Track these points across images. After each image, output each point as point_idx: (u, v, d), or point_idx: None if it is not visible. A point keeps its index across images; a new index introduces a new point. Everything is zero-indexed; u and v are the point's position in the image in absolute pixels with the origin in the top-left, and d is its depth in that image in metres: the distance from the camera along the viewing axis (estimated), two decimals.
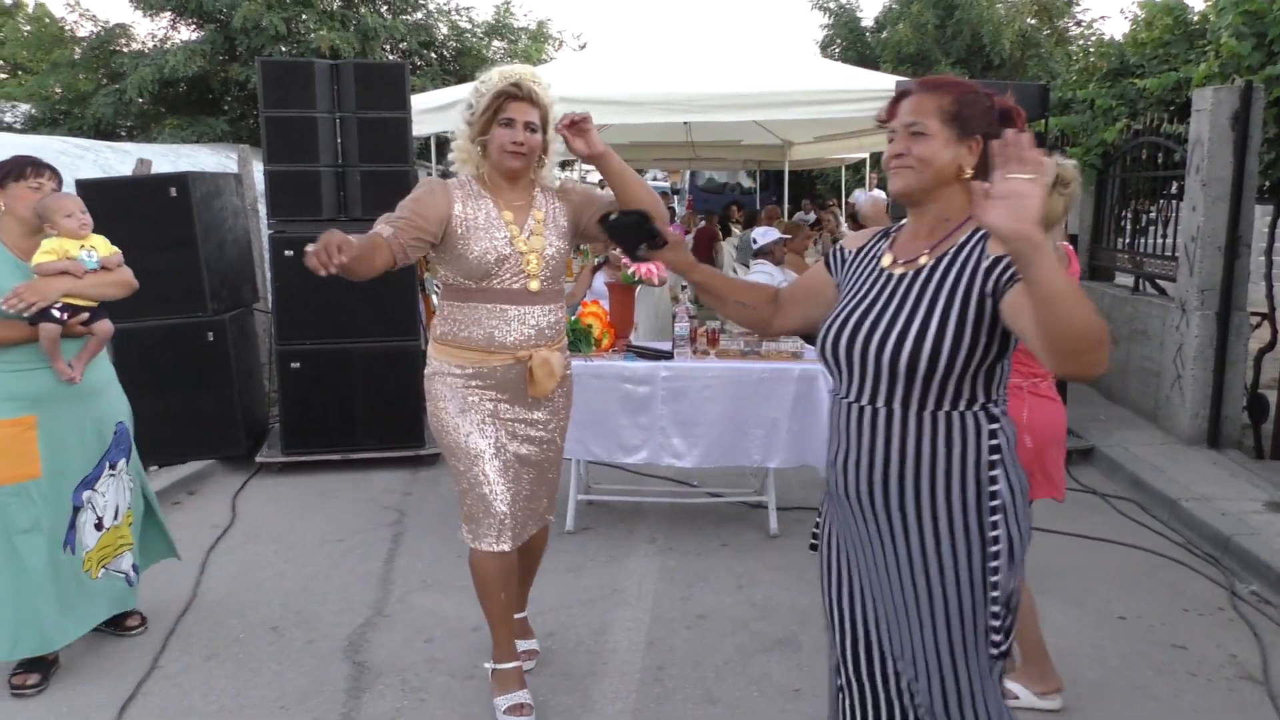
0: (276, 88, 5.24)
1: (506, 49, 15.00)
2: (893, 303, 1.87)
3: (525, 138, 2.75)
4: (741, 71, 7.38)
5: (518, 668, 3.05)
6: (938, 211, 1.88)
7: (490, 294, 2.79)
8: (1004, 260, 1.75)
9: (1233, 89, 5.56)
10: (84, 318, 3.18)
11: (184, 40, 13.03)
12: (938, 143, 1.82)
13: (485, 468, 2.83)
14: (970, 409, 1.83)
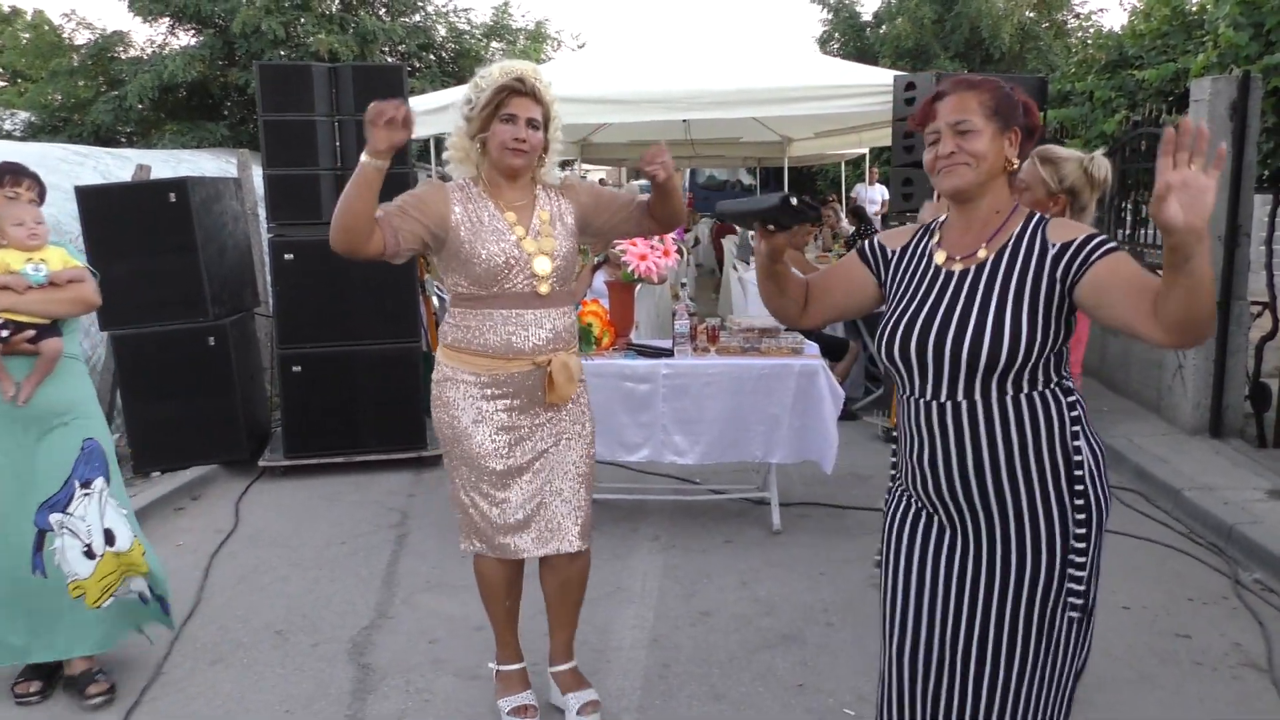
0: (275, 92, 5.25)
1: (505, 50, 15.00)
2: (960, 299, 1.90)
3: (527, 134, 2.66)
4: (740, 68, 7.39)
5: (522, 669, 3.03)
6: (989, 205, 1.93)
7: (504, 299, 2.70)
8: (1071, 246, 1.81)
9: (1230, 79, 5.55)
10: (29, 334, 2.97)
11: (183, 46, 13.05)
12: (986, 137, 1.87)
13: (494, 477, 2.77)
14: (1047, 387, 1.88)
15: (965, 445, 1.90)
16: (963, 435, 1.90)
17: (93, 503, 3.11)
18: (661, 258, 4.43)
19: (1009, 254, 1.89)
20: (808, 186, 20.11)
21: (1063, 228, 1.88)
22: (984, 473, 1.89)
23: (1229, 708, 3.03)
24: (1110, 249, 1.80)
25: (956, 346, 1.85)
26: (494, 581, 2.92)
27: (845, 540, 4.44)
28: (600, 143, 12.09)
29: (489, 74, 2.70)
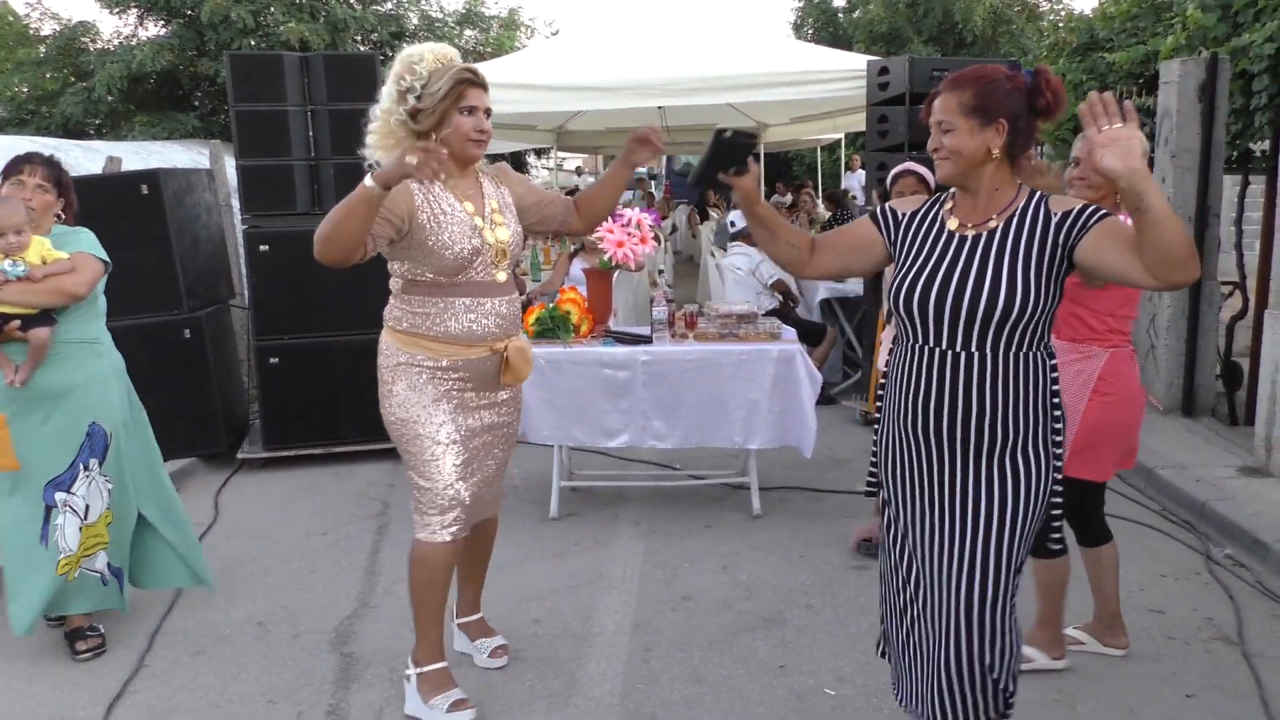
0: (246, 82, 5.21)
1: (478, 38, 14.93)
2: (974, 261, 2.15)
3: (487, 125, 2.72)
4: (715, 54, 7.38)
5: (447, 667, 2.96)
6: (986, 186, 2.16)
7: (466, 288, 2.75)
8: (1072, 213, 2.08)
9: (1199, 61, 5.61)
10: (15, 324, 3.15)
11: (151, 36, 12.89)
12: (963, 135, 2.10)
13: (454, 458, 2.79)
14: (1036, 349, 2.15)
15: (960, 391, 2.15)
16: (960, 382, 2.15)
17: (89, 482, 3.36)
18: (639, 245, 4.43)
19: (1016, 223, 2.14)
20: (784, 172, 20.13)
21: (1062, 202, 2.13)
22: (972, 417, 2.14)
23: (1202, 680, 3.09)
24: (1105, 214, 2.06)
25: (973, 302, 2.10)
26: (440, 567, 2.85)
27: (824, 523, 4.48)
28: (576, 130, 12.05)
29: (421, 58, 2.66)
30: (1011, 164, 2.16)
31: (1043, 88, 2.09)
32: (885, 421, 2.35)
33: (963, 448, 2.17)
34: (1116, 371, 2.96)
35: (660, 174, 22.03)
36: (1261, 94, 5.49)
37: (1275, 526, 4.04)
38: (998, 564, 2.16)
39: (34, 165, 3.29)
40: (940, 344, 2.17)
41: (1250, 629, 3.42)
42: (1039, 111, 2.11)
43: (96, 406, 3.36)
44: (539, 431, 4.44)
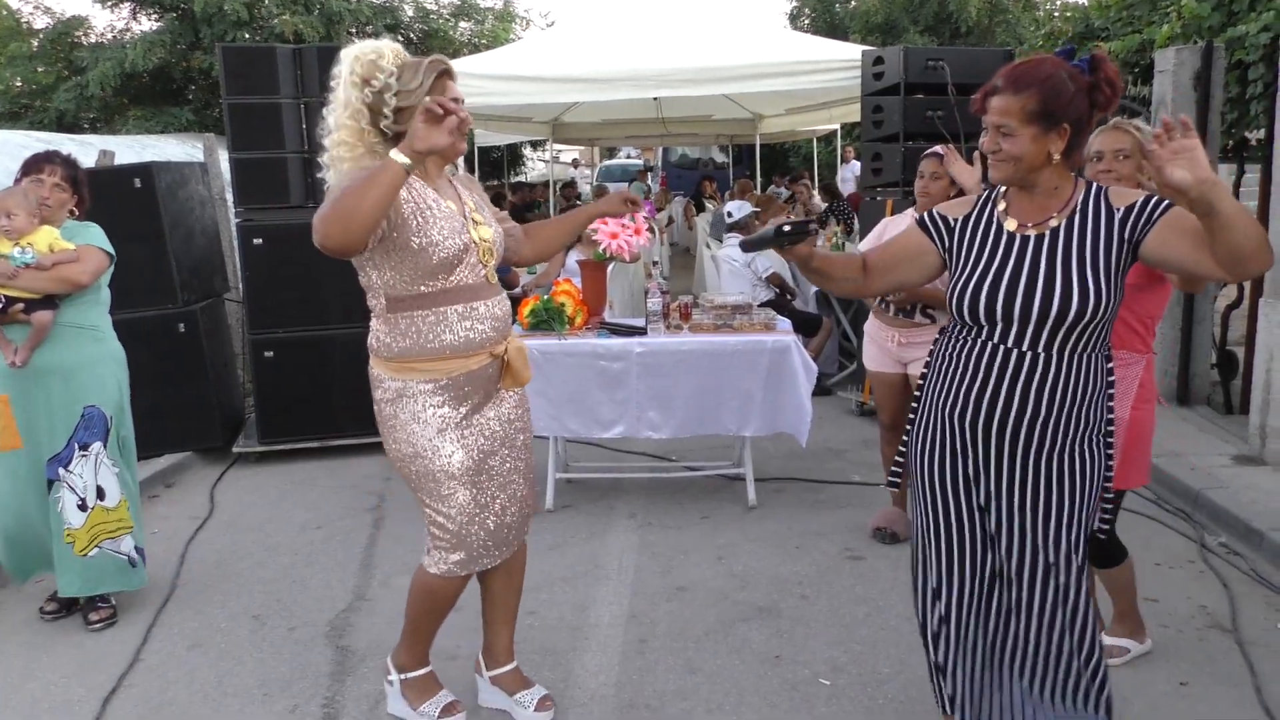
0: (239, 75, 5.19)
1: (473, 30, 14.89)
2: (1040, 261, 2.12)
3: (468, 117, 2.45)
4: (710, 45, 7.37)
5: (433, 672, 2.90)
6: (1045, 186, 2.14)
7: (456, 294, 2.54)
8: (1135, 206, 2.05)
9: (1194, 49, 5.60)
10: (19, 308, 3.34)
11: (144, 31, 12.85)
12: (1024, 140, 2.06)
13: (469, 490, 2.60)
14: (1098, 351, 2.16)
15: (1019, 390, 2.14)
16: (1020, 381, 2.14)
17: (89, 463, 3.51)
18: (633, 236, 4.42)
19: (1079, 220, 2.12)
20: (780, 163, 20.11)
21: (1121, 194, 2.10)
22: (1036, 418, 2.15)
23: (1195, 668, 3.10)
24: (1169, 204, 2.01)
25: (1044, 305, 2.08)
26: (447, 599, 2.73)
27: (820, 514, 4.49)
28: (571, 122, 12.03)
29: (382, 54, 2.44)
30: (1069, 162, 2.13)
31: (1101, 82, 2.05)
32: (927, 412, 2.32)
33: (1012, 446, 2.18)
34: (1151, 377, 2.99)
35: (656, 166, 22.02)
36: (1257, 83, 5.48)
37: (1269, 514, 4.05)
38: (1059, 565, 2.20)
39: (54, 165, 3.48)
40: (1005, 341, 2.16)
41: (1244, 617, 3.43)
42: (1098, 105, 2.07)
43: (94, 389, 3.51)
44: (534, 423, 4.42)
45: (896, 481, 2.58)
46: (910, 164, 5.54)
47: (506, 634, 2.95)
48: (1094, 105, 2.06)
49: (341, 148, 2.46)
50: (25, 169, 3.48)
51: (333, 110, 2.49)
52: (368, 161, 2.43)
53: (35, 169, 3.46)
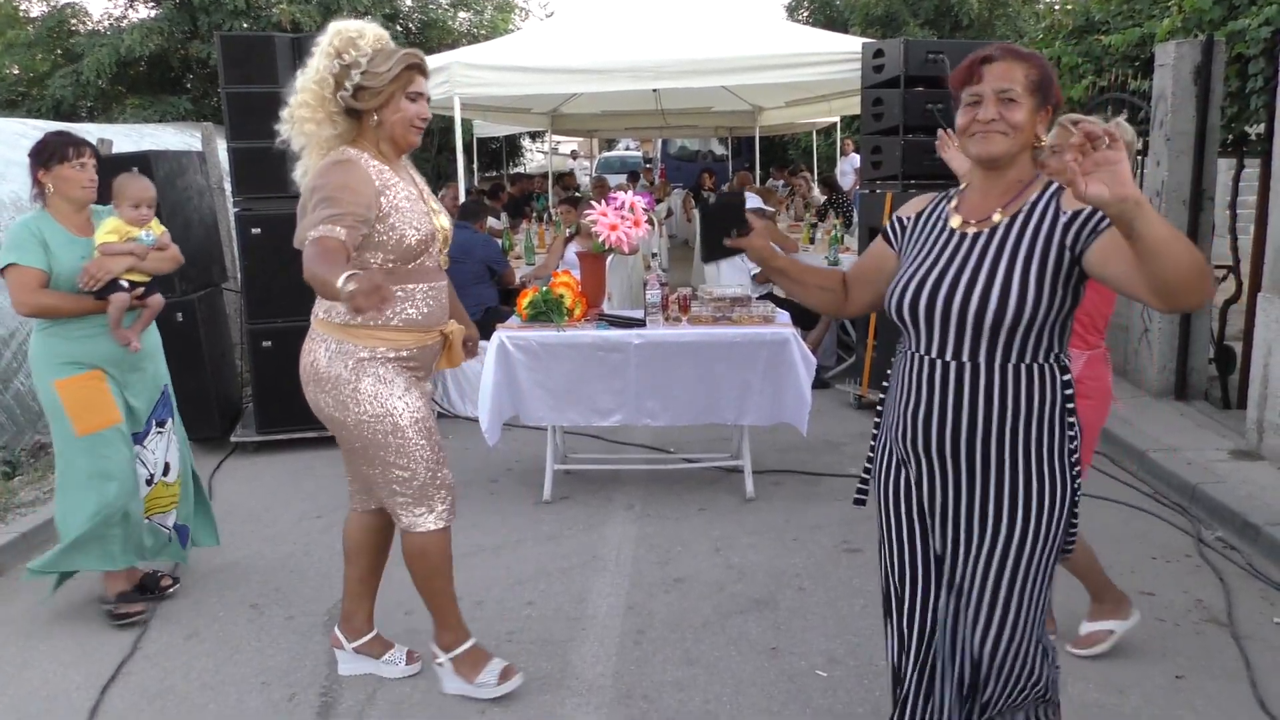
0: (237, 63, 5.17)
1: (472, 20, 14.85)
2: (970, 260, 1.95)
3: (428, 113, 2.73)
4: (710, 37, 7.36)
5: (477, 643, 2.99)
6: (1014, 174, 1.97)
7: (421, 274, 2.73)
8: (1082, 214, 1.85)
9: (1195, 43, 5.59)
10: (139, 292, 3.48)
11: (141, 19, 12.80)
12: (1025, 110, 1.91)
13: (431, 441, 2.80)
14: (1046, 360, 1.93)
15: (962, 406, 1.96)
16: (959, 396, 1.96)
17: (163, 439, 3.71)
18: (632, 228, 4.42)
19: (1022, 219, 1.94)
20: (779, 156, 20.08)
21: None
22: (976, 435, 1.95)
23: (1191, 662, 3.11)
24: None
25: (963, 306, 1.91)
26: (445, 554, 2.89)
27: (817, 507, 4.49)
28: (570, 113, 12.01)
29: (362, 34, 2.57)
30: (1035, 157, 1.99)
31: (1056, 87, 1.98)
32: (881, 433, 2.19)
33: (955, 468, 1.99)
34: (1094, 373, 2.97)
35: (655, 158, 21.99)
36: (1257, 77, 5.47)
37: (1266, 509, 4.06)
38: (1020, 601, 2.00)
39: (90, 149, 3.45)
40: (931, 352, 1.99)
41: (1240, 611, 3.43)
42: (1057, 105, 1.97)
43: (164, 369, 3.73)
44: (533, 414, 4.44)
45: (863, 500, 2.30)
46: (910, 157, 5.55)
47: (367, 605, 3.15)
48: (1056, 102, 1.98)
49: (303, 109, 2.63)
50: (57, 153, 3.35)
51: (304, 72, 2.64)
52: (326, 130, 2.61)
53: (76, 153, 3.36)
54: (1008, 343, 1.91)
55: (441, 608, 2.95)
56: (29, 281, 3.26)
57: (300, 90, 2.63)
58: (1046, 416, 1.94)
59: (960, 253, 1.97)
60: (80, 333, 3.38)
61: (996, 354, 1.93)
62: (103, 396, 3.41)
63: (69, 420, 3.37)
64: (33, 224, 3.32)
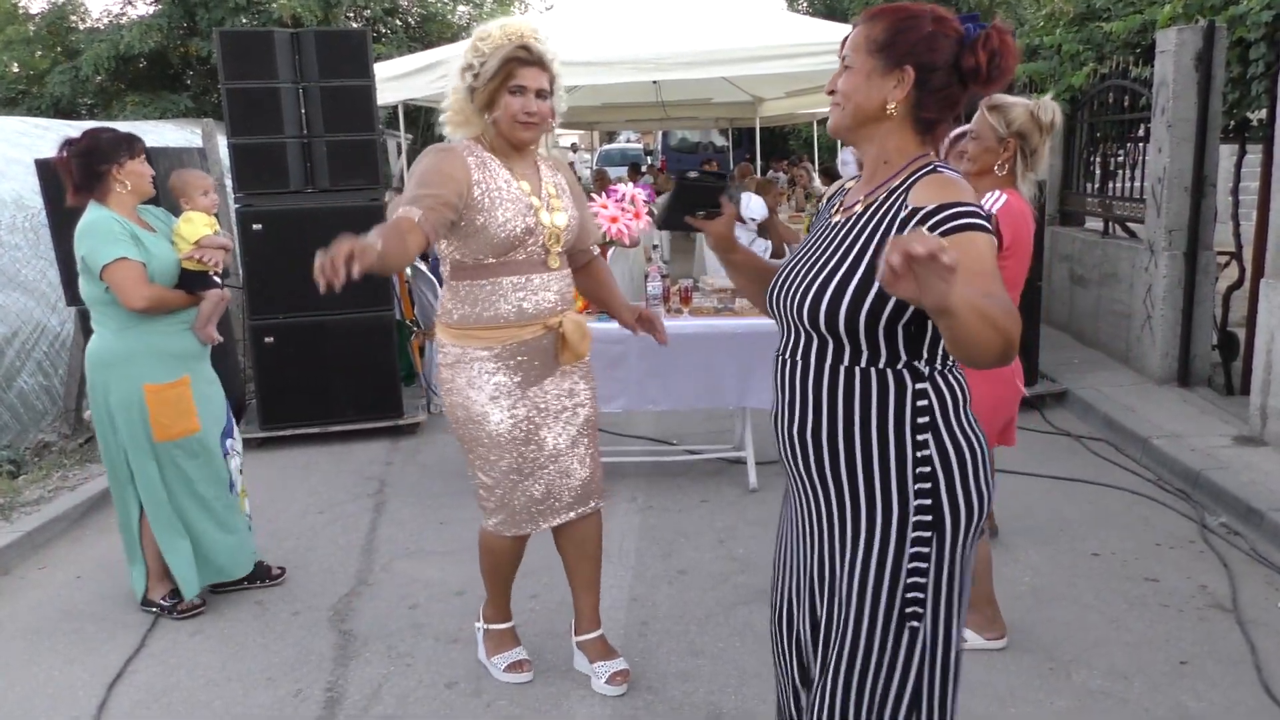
0: (236, 59, 5.17)
1: (472, 14, 14.82)
2: (824, 253, 1.73)
3: (537, 106, 2.58)
4: (710, 28, 7.35)
5: (512, 628, 3.07)
6: (875, 153, 1.74)
7: (514, 266, 2.64)
8: (920, 213, 1.60)
9: (1196, 29, 5.57)
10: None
11: (140, 16, 12.80)
12: (859, 76, 1.69)
13: (513, 457, 2.72)
14: (893, 366, 1.67)
15: (797, 407, 1.77)
16: (796, 397, 1.77)
17: (237, 428, 3.76)
18: (633, 220, 4.41)
19: (875, 208, 1.70)
20: (779, 146, 20.04)
21: (931, 188, 1.63)
22: (808, 439, 1.75)
23: (1195, 648, 3.11)
24: (956, 228, 1.55)
25: (800, 300, 1.71)
26: (504, 556, 2.91)
27: None
28: (571, 105, 11.99)
29: (488, 35, 2.60)
30: (923, 133, 1.71)
31: (978, 46, 1.63)
32: None
33: (807, 479, 1.79)
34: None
35: (656, 150, 21.96)
36: (1258, 62, 5.45)
37: (1269, 495, 4.06)
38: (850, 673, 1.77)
39: (142, 145, 3.42)
40: (783, 351, 1.81)
41: (1244, 596, 3.43)
42: (965, 74, 1.65)
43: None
44: None
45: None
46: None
47: (584, 601, 3.04)
48: (961, 70, 1.65)
49: (446, 114, 2.71)
50: (128, 147, 3.32)
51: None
52: (466, 129, 2.68)
53: (134, 151, 3.34)
54: (840, 344, 1.68)
55: (489, 589, 3.03)
56: (140, 274, 3.22)
57: (450, 94, 2.68)
58: (884, 431, 1.68)
59: (821, 244, 1.76)
60: (169, 328, 3.36)
61: (827, 355, 1.71)
62: (185, 404, 3.41)
63: (149, 426, 3.35)
64: (111, 219, 3.24)
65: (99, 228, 3.22)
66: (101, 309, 3.30)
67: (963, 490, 1.70)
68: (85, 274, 3.26)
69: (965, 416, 1.73)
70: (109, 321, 3.31)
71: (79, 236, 3.24)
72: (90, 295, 3.30)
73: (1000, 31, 1.64)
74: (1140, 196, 6.24)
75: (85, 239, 3.22)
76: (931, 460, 1.68)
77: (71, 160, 3.26)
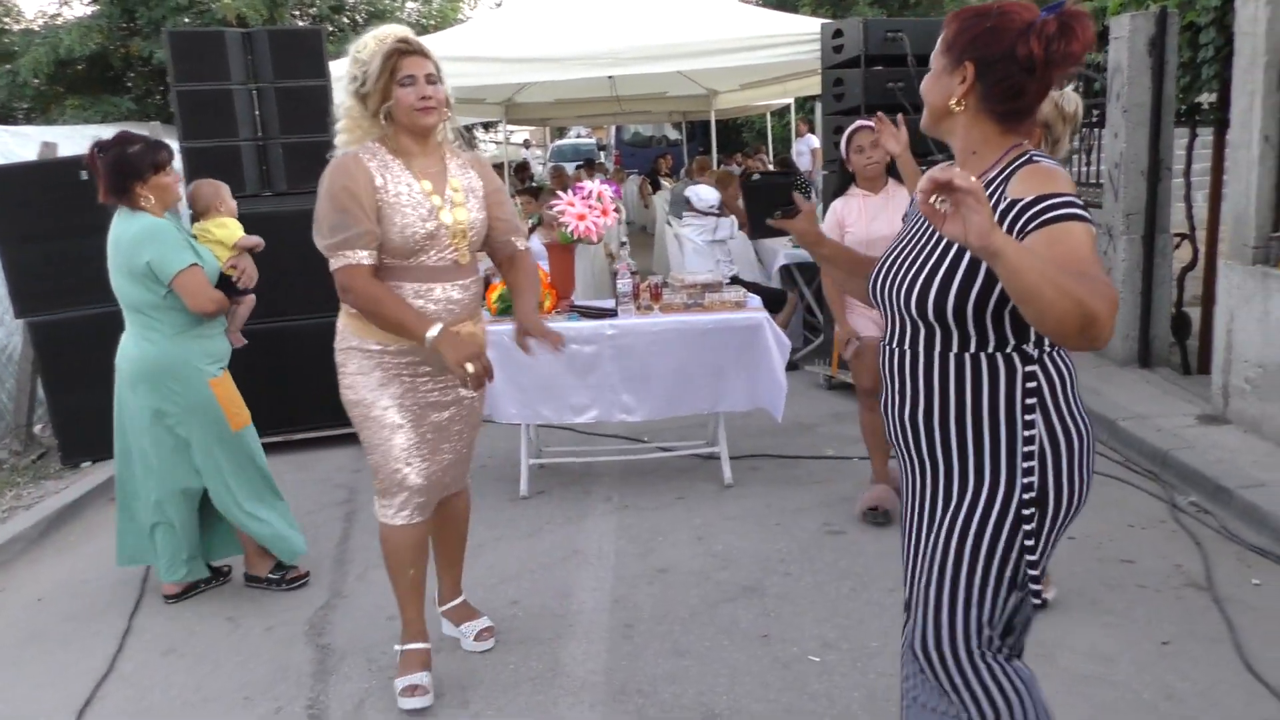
0: (187, 60, 5.02)
1: (421, 10, 14.63)
2: (926, 244, 1.78)
3: (431, 90, 2.63)
4: (667, 21, 7.28)
5: (425, 650, 2.97)
6: (960, 145, 1.79)
7: (417, 271, 2.69)
8: (1018, 205, 1.64)
9: (1148, 15, 5.64)
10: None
11: (78, 16, 12.45)
12: (932, 77, 1.78)
13: (402, 440, 2.77)
14: (1001, 350, 1.72)
15: (908, 396, 1.82)
16: (907, 385, 1.82)
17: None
18: (600, 217, 4.37)
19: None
20: (733, 138, 20.07)
21: (1027, 180, 1.67)
22: (920, 426, 1.80)
23: (1175, 627, 3.14)
24: (1054, 218, 1.59)
25: (908, 292, 1.76)
26: (405, 548, 2.87)
27: (796, 490, 4.49)
28: (525, 102, 11.89)
29: (365, 45, 2.65)
30: (1003, 123, 1.74)
31: (1031, 34, 1.64)
32: None
33: (914, 457, 1.86)
34: None
35: (610, 144, 21.89)
36: (1208, 46, 5.54)
37: (1237, 473, 4.12)
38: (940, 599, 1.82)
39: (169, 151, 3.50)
40: (891, 341, 1.87)
41: (1218, 573, 3.48)
42: (1022, 63, 1.66)
43: None
44: (505, 411, 4.38)
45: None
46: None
47: (449, 575, 3.25)
48: (1017, 59, 1.66)
49: (341, 135, 2.74)
50: (154, 161, 3.37)
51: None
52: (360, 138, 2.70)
53: (159, 164, 3.38)
54: (948, 332, 1.73)
55: (399, 599, 2.96)
56: (206, 279, 3.37)
57: (343, 115, 2.73)
58: (995, 413, 1.73)
59: (921, 235, 1.82)
60: (214, 331, 3.51)
61: (936, 343, 1.76)
62: (239, 395, 3.57)
63: (224, 417, 3.49)
64: (170, 227, 3.36)
65: (162, 235, 3.29)
66: (156, 315, 3.34)
67: (1067, 473, 1.74)
68: (144, 279, 3.29)
69: (1073, 399, 1.78)
70: (163, 327, 3.36)
71: (136, 243, 3.28)
72: (142, 301, 3.33)
73: (1065, 17, 1.64)
74: (1098, 181, 6.32)
75: (149, 246, 3.27)
76: (1039, 440, 1.72)
77: (100, 166, 3.35)
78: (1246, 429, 4.63)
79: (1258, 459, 4.29)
